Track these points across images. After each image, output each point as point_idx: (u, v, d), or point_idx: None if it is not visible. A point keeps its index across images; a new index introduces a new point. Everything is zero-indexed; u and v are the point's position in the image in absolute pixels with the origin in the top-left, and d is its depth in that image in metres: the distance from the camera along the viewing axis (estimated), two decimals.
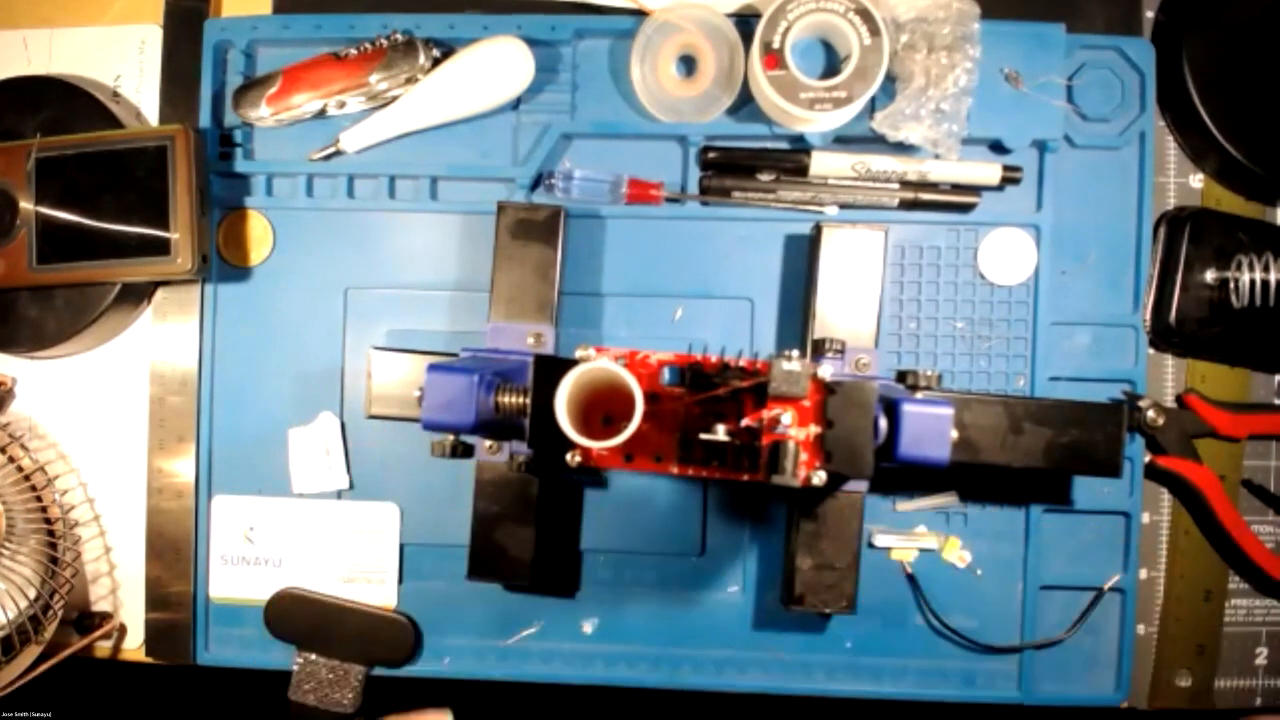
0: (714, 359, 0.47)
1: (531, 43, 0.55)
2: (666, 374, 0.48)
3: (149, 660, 0.58)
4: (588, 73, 0.57)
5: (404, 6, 0.57)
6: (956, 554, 0.56)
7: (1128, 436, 0.53)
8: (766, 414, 0.45)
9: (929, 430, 0.44)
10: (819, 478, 0.46)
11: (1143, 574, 0.57)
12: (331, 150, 0.57)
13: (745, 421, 0.46)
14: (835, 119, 0.54)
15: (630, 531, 0.57)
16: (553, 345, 0.53)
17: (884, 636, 0.56)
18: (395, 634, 0.57)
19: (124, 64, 0.60)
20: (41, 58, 0.60)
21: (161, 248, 0.54)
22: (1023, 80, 0.55)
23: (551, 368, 0.44)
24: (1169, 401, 0.57)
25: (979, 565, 0.56)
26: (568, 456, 0.47)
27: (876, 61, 0.52)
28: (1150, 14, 0.58)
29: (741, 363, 0.46)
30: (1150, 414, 0.54)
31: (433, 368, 0.45)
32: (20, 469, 0.56)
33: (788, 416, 0.46)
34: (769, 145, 0.56)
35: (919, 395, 0.47)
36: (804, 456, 0.46)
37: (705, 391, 0.46)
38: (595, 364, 0.43)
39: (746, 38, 0.54)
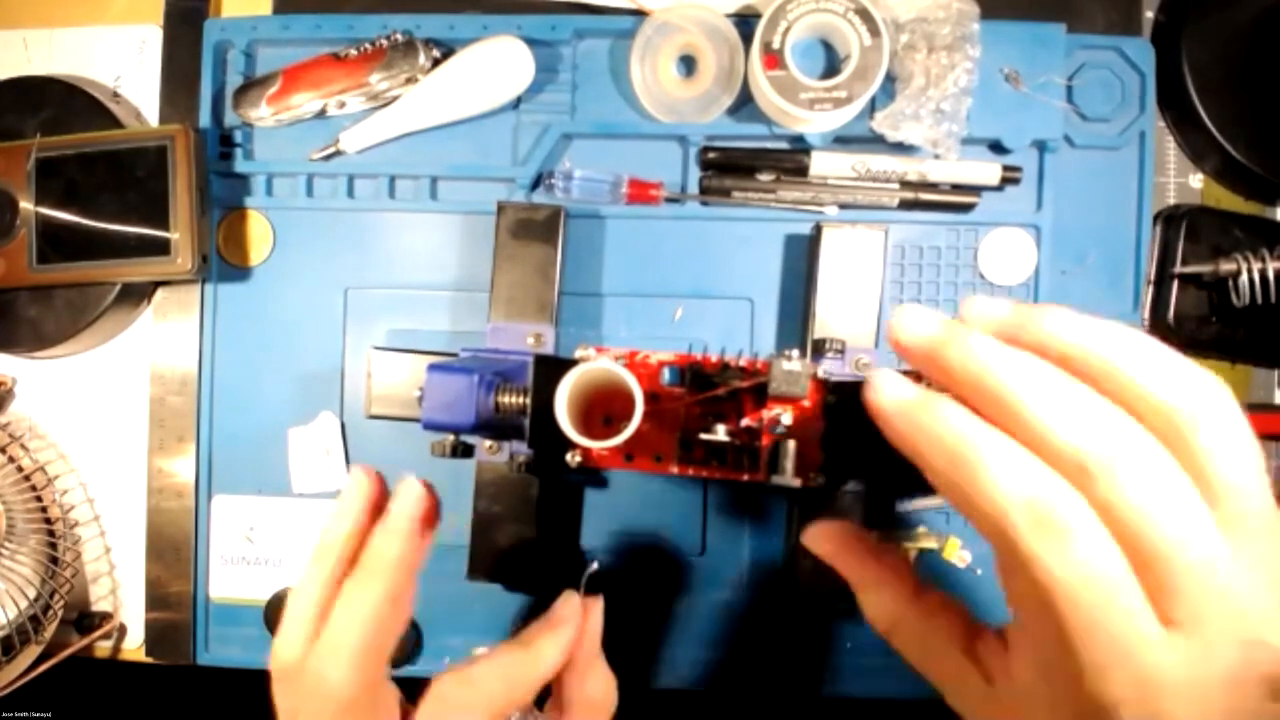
0: (714, 359, 0.47)
1: (531, 43, 0.55)
2: (666, 374, 0.48)
3: (149, 660, 0.58)
4: (588, 73, 0.57)
5: (404, 6, 0.57)
6: (956, 554, 0.56)
7: None
8: (766, 414, 0.45)
9: None
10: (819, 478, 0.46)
11: None
12: (331, 150, 0.57)
13: (745, 421, 0.46)
14: (835, 119, 0.54)
15: (630, 531, 0.57)
16: (553, 345, 0.53)
17: None
18: None
19: (124, 64, 0.60)
20: (41, 58, 0.60)
21: (161, 248, 0.54)
22: (1023, 80, 0.55)
23: (551, 368, 0.44)
24: None
25: (979, 565, 0.56)
26: (568, 456, 0.47)
27: (876, 61, 0.52)
28: (1150, 14, 0.58)
29: (741, 363, 0.46)
30: None
31: (433, 368, 0.45)
32: (20, 469, 0.56)
33: (788, 416, 0.46)
34: (769, 145, 0.56)
35: None
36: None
37: (705, 391, 0.46)
38: (595, 364, 0.42)
39: (746, 38, 0.54)
